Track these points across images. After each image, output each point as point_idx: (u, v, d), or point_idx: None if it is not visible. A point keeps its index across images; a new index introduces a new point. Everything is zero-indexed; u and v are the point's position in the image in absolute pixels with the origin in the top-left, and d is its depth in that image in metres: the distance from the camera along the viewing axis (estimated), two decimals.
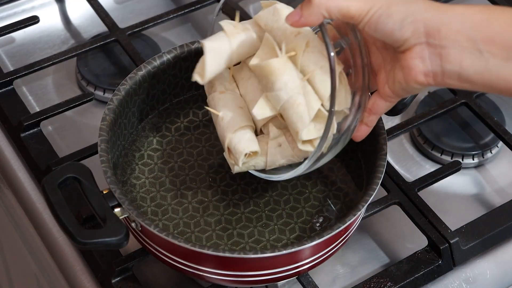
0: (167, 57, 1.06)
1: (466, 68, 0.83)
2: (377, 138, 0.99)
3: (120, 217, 0.92)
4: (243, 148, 0.94)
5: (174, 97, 1.10)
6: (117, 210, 0.93)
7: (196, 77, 0.94)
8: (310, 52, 0.92)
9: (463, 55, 0.83)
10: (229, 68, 0.99)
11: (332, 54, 0.86)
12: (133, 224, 0.94)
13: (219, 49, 0.95)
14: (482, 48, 0.82)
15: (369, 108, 0.91)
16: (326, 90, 0.90)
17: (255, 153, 0.95)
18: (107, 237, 0.90)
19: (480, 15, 0.82)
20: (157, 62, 1.05)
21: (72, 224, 0.90)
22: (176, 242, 0.90)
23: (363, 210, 0.95)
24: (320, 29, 0.87)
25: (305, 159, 0.93)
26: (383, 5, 0.84)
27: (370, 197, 0.94)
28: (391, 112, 1.04)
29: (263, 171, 0.98)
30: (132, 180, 1.03)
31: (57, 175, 0.93)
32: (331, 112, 0.87)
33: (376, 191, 0.94)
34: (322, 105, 0.91)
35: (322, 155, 0.92)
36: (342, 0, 0.85)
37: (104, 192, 0.93)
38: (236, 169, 0.95)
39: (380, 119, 1.00)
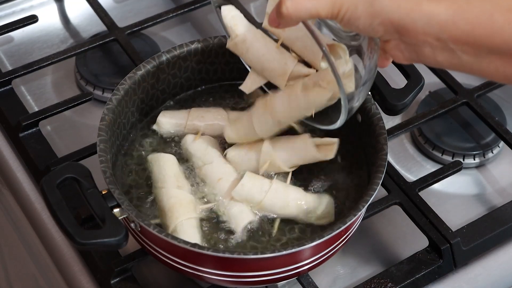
0: (166, 56, 1.05)
1: (442, 62, 0.83)
2: (377, 138, 0.99)
3: (119, 218, 0.92)
4: (240, 225, 0.97)
5: (173, 96, 1.09)
6: (116, 210, 0.92)
7: None
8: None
9: (436, 52, 0.82)
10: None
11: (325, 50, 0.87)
12: (132, 225, 0.93)
13: None
14: (453, 47, 0.81)
15: (382, 48, 0.91)
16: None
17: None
18: (107, 237, 0.89)
19: (446, 15, 0.81)
20: (156, 62, 1.05)
21: (71, 225, 0.89)
22: (175, 242, 0.90)
23: (364, 210, 0.94)
24: (305, 26, 0.87)
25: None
26: (350, 6, 0.83)
27: (371, 197, 0.94)
28: (392, 112, 1.04)
29: (310, 119, 0.99)
30: (132, 181, 1.02)
31: (56, 175, 0.93)
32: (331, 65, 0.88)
33: (376, 191, 0.94)
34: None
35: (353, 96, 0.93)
36: (311, 5, 0.84)
37: (103, 193, 0.93)
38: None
39: (380, 119, 1.00)
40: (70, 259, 1.04)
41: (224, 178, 1.00)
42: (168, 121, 1.05)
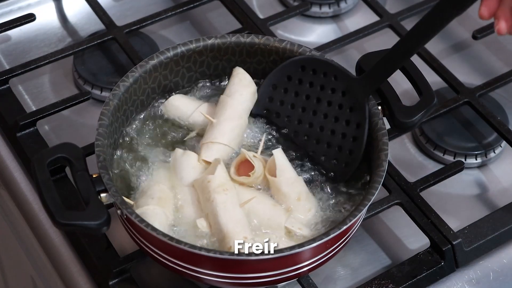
0: (181, 49, 1.05)
1: None
2: (379, 154, 0.97)
3: (105, 203, 0.91)
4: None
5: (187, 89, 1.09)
6: (103, 195, 0.92)
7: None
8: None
9: None
10: None
11: None
12: (118, 211, 0.93)
13: None
14: None
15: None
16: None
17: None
18: (87, 220, 0.89)
19: None
20: (170, 53, 1.05)
21: (54, 204, 0.89)
22: (174, 243, 0.89)
23: (365, 210, 0.94)
24: None
25: None
26: None
27: (372, 198, 0.93)
28: (399, 129, 1.02)
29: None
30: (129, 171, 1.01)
31: (48, 154, 0.93)
32: None
33: (377, 192, 0.93)
34: None
35: None
36: None
37: (94, 176, 0.92)
38: None
39: (385, 135, 0.98)
40: (68, 260, 1.04)
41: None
42: (176, 107, 1.05)
